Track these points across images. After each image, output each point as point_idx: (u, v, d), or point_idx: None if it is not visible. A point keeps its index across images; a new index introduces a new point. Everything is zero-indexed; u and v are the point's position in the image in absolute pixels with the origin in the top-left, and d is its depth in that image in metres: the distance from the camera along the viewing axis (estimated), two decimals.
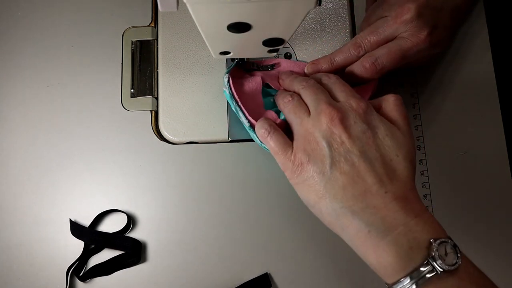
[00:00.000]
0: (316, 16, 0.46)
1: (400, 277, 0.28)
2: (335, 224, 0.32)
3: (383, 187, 0.30)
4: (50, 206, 0.43)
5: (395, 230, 0.29)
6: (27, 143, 0.45)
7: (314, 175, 0.32)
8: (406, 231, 0.29)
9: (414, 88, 0.45)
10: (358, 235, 0.30)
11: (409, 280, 0.28)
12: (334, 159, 0.31)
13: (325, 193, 0.31)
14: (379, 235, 0.29)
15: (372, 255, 0.30)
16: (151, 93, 0.46)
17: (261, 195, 0.43)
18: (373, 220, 0.30)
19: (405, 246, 0.29)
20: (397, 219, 0.29)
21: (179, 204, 0.43)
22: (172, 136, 0.44)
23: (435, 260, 0.28)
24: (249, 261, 0.41)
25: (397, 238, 0.29)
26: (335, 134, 0.32)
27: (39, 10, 0.48)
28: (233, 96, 0.39)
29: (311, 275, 0.41)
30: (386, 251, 0.29)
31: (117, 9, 0.47)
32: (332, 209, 0.31)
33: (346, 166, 0.31)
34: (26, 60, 0.47)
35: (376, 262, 0.30)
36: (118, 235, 0.42)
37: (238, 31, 0.30)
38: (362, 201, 0.30)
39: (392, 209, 0.30)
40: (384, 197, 0.30)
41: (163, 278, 0.41)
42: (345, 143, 0.31)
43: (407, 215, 0.29)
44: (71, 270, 0.41)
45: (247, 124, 0.39)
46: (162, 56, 0.46)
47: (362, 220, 0.30)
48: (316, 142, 0.32)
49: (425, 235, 0.29)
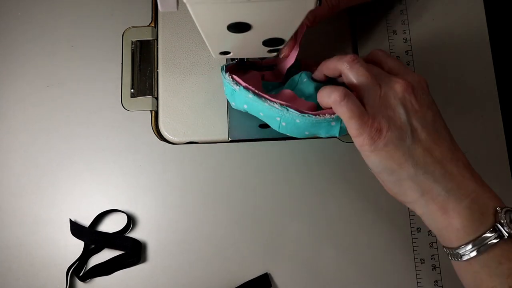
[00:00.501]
0: None
1: (469, 240, 0.30)
2: (413, 189, 0.32)
3: (455, 155, 0.32)
4: (50, 206, 0.43)
5: (469, 196, 0.31)
6: (27, 143, 0.45)
7: (395, 141, 0.31)
8: (478, 197, 0.31)
9: None
10: (436, 200, 0.31)
11: (478, 243, 0.30)
12: (413, 126, 0.32)
13: (407, 160, 0.31)
14: (456, 199, 0.31)
15: (446, 219, 0.31)
16: (151, 93, 0.46)
17: (261, 195, 0.43)
18: (452, 186, 0.31)
19: (477, 211, 0.30)
20: (470, 186, 0.31)
21: (179, 204, 0.43)
22: (172, 136, 0.44)
23: (503, 226, 0.30)
24: (249, 261, 0.41)
25: (471, 203, 0.31)
26: (410, 102, 0.32)
27: (39, 10, 0.48)
28: (247, 88, 0.37)
29: (311, 275, 0.41)
30: (461, 215, 0.30)
31: (117, 9, 0.47)
32: (415, 175, 0.31)
33: (423, 134, 0.32)
34: (26, 60, 0.47)
35: (448, 225, 0.31)
36: (118, 235, 0.42)
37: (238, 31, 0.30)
38: (441, 167, 0.31)
39: (465, 176, 0.31)
40: (457, 165, 0.32)
41: (163, 278, 0.41)
42: (418, 111, 0.32)
43: (476, 182, 0.31)
44: (71, 270, 0.41)
45: (278, 107, 0.35)
46: (162, 56, 0.46)
47: (442, 186, 0.31)
48: (393, 109, 0.32)
49: (492, 202, 0.31)
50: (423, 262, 0.41)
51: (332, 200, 0.42)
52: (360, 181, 0.43)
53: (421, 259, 0.41)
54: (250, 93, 0.36)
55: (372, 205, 0.42)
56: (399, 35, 0.46)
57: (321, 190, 0.42)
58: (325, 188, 0.43)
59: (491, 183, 0.42)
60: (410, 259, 0.41)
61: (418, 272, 0.41)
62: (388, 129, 0.31)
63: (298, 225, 0.42)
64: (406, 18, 0.46)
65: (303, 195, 0.42)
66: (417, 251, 0.41)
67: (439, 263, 0.41)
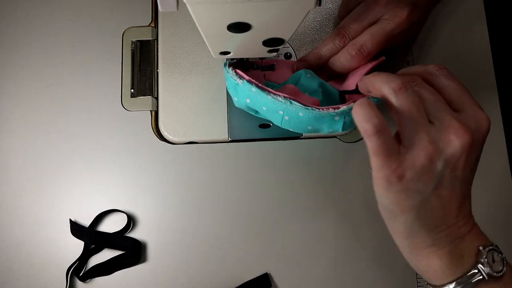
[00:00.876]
0: (316, 16, 0.46)
1: (448, 281, 0.29)
2: (402, 234, 0.31)
3: (461, 212, 0.30)
4: (50, 206, 0.43)
5: (454, 242, 0.30)
6: (27, 143, 0.45)
7: (411, 191, 0.28)
8: (462, 241, 0.30)
9: None
10: (420, 246, 0.30)
11: (455, 285, 0.29)
12: (440, 184, 0.28)
13: (411, 211, 0.29)
14: (439, 246, 0.30)
15: (424, 261, 0.30)
16: (151, 93, 0.46)
17: (261, 195, 0.43)
18: (441, 236, 0.30)
19: (458, 254, 0.29)
20: (459, 233, 0.30)
21: (179, 204, 0.43)
22: (172, 136, 0.44)
23: (484, 267, 0.28)
24: (249, 261, 0.41)
25: (454, 248, 0.30)
26: (457, 160, 0.27)
27: (39, 10, 0.48)
28: (250, 82, 0.36)
29: (311, 275, 0.41)
30: (441, 259, 0.30)
31: (117, 9, 0.47)
32: (411, 225, 0.30)
33: (446, 191, 0.29)
34: (26, 60, 0.47)
35: (426, 266, 0.30)
36: (118, 235, 0.42)
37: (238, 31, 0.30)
38: (441, 224, 0.30)
39: (458, 224, 0.30)
40: (457, 217, 0.30)
41: (163, 278, 0.41)
42: (458, 170, 0.28)
43: (467, 228, 0.30)
44: (71, 270, 0.41)
45: (281, 100, 0.35)
46: (162, 56, 0.46)
47: (430, 236, 0.30)
48: (431, 161, 0.27)
49: (476, 242, 0.30)
50: None
51: (332, 200, 0.42)
52: (360, 181, 0.43)
53: None
54: (254, 86, 0.36)
55: (372, 204, 0.42)
56: None
57: (321, 190, 0.42)
58: (325, 188, 0.43)
59: (491, 183, 0.42)
60: None
61: None
62: (412, 180, 0.27)
63: (298, 225, 0.42)
64: None
65: (303, 195, 0.42)
66: None
67: None
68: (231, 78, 0.37)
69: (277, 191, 0.43)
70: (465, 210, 0.30)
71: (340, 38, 0.38)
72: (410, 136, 0.28)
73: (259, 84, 0.36)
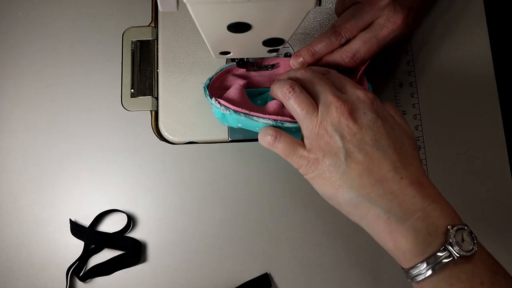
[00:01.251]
0: (316, 16, 0.46)
1: (418, 262, 0.29)
2: (353, 214, 0.32)
3: (399, 173, 0.31)
4: (50, 206, 0.43)
5: (413, 216, 0.29)
6: (27, 143, 0.45)
7: (330, 168, 0.32)
8: (424, 216, 0.29)
9: (414, 88, 0.45)
10: (377, 222, 0.31)
11: (426, 265, 0.29)
12: (348, 150, 0.31)
13: (342, 184, 0.31)
14: (398, 220, 0.30)
15: (391, 241, 0.30)
16: (151, 93, 0.46)
17: (261, 195, 0.43)
18: (391, 206, 0.30)
19: (423, 232, 0.29)
20: (415, 205, 0.30)
21: (179, 204, 0.43)
22: (172, 136, 0.44)
23: (452, 246, 0.28)
24: (249, 261, 0.41)
25: (416, 223, 0.29)
26: (347, 126, 0.32)
27: (39, 10, 0.48)
28: (237, 112, 0.37)
29: (311, 275, 0.41)
30: (405, 237, 0.29)
31: (117, 9, 0.47)
32: (349, 199, 0.31)
33: (360, 155, 0.31)
34: (26, 60, 0.47)
35: (394, 247, 0.30)
36: (118, 235, 0.42)
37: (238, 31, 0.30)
38: (379, 188, 0.30)
39: (409, 195, 0.30)
40: (400, 183, 0.30)
41: (163, 278, 0.41)
42: (357, 133, 0.32)
43: (424, 200, 0.30)
44: (71, 270, 0.41)
45: (272, 123, 0.37)
46: (162, 56, 0.46)
47: (380, 207, 0.30)
48: (329, 135, 0.32)
49: (443, 220, 0.29)
50: None
51: None
52: None
53: None
54: (242, 115, 0.37)
55: None
56: None
57: None
58: None
59: (491, 183, 0.42)
60: None
61: None
62: (323, 158, 0.32)
63: (298, 225, 0.42)
64: None
65: (303, 195, 0.42)
66: None
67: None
68: (217, 109, 0.38)
69: (277, 191, 0.43)
70: (411, 178, 0.30)
71: (336, 36, 0.39)
72: (306, 129, 0.34)
73: (247, 112, 0.37)
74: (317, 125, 0.33)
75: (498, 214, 0.42)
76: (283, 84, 0.35)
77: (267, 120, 0.36)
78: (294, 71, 0.37)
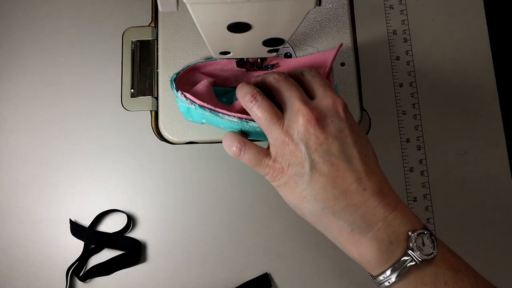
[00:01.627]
0: (316, 16, 0.46)
1: (383, 270, 0.30)
2: (317, 224, 0.32)
3: (362, 184, 0.31)
4: (50, 206, 0.43)
5: (375, 226, 0.30)
6: (27, 144, 0.45)
7: (294, 178, 0.32)
8: (386, 226, 0.30)
9: (414, 88, 0.45)
10: (340, 234, 0.31)
11: (391, 272, 0.29)
12: (314, 161, 0.31)
13: (306, 195, 0.31)
14: (361, 232, 0.30)
15: (355, 251, 0.31)
16: (151, 93, 0.46)
17: (261, 195, 0.43)
18: (354, 218, 0.30)
19: (385, 241, 0.30)
20: (377, 215, 0.30)
21: (179, 204, 0.43)
22: (172, 136, 0.44)
23: (414, 251, 0.29)
24: (249, 261, 0.41)
25: (378, 233, 0.30)
26: (313, 135, 0.31)
27: (39, 10, 0.48)
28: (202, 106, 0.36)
29: (311, 275, 0.41)
30: (369, 247, 0.30)
31: (117, 9, 0.47)
32: (314, 210, 0.31)
33: (325, 167, 0.31)
34: (26, 60, 0.47)
35: (359, 257, 0.31)
36: (118, 235, 0.42)
37: (238, 31, 0.30)
38: (342, 201, 0.30)
39: (371, 206, 0.30)
40: (363, 195, 0.30)
41: (163, 278, 0.41)
42: (323, 143, 0.31)
43: (386, 209, 0.30)
44: (71, 270, 0.41)
45: (237, 121, 0.36)
46: (162, 56, 0.46)
47: (343, 220, 0.30)
48: (295, 144, 0.31)
49: (403, 227, 0.30)
50: None
51: None
52: None
53: None
54: (207, 111, 0.36)
55: None
56: (399, 35, 0.46)
57: None
58: None
59: (491, 183, 0.42)
60: None
61: None
62: (288, 167, 0.32)
63: (298, 224, 0.42)
64: (406, 18, 0.46)
65: None
66: None
67: None
68: (182, 102, 0.37)
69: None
70: (373, 188, 0.31)
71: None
72: (271, 137, 0.33)
73: (212, 107, 0.36)
74: (283, 132, 0.32)
75: (498, 214, 0.42)
76: (245, 92, 0.34)
77: (232, 118, 0.36)
78: (268, 75, 0.36)
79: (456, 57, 0.45)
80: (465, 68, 0.45)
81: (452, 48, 0.45)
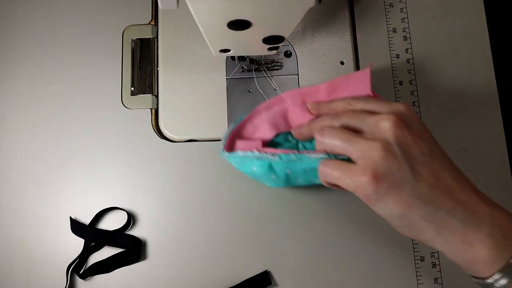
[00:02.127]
0: (316, 15, 0.46)
1: (499, 267, 0.28)
2: (428, 229, 0.30)
3: (460, 182, 0.30)
4: (50, 204, 0.43)
5: (486, 222, 0.29)
6: (27, 142, 0.45)
7: (396, 184, 0.29)
8: (494, 221, 0.29)
9: (414, 86, 0.45)
10: (454, 235, 0.30)
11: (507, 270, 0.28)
12: (411, 162, 0.30)
13: (415, 200, 0.29)
14: (475, 229, 0.29)
15: (470, 251, 0.29)
16: (151, 91, 0.46)
17: (261, 193, 0.43)
18: (466, 215, 0.29)
19: (500, 236, 0.29)
20: (483, 211, 0.29)
21: (179, 202, 0.43)
22: (172, 134, 0.44)
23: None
24: (249, 259, 0.41)
25: (491, 229, 0.29)
26: (404, 137, 0.30)
27: (39, 9, 0.48)
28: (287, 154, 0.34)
29: (311, 273, 0.41)
30: (485, 244, 0.29)
31: (117, 7, 0.48)
32: (426, 214, 0.29)
33: (424, 168, 0.30)
34: (26, 59, 0.47)
35: (474, 257, 0.29)
36: (118, 233, 0.42)
37: (238, 29, 0.30)
38: (451, 199, 0.29)
39: (476, 202, 0.30)
40: (465, 191, 0.30)
41: (163, 275, 0.41)
42: (415, 144, 0.30)
43: (487, 205, 0.30)
44: (71, 267, 0.41)
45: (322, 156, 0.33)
46: (162, 54, 0.46)
47: (457, 219, 0.29)
48: (386, 149, 0.29)
49: (510, 223, 0.29)
50: (423, 260, 0.41)
51: (332, 199, 0.42)
52: None
53: (421, 257, 0.41)
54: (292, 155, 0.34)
55: None
56: (399, 33, 0.46)
57: (320, 189, 0.42)
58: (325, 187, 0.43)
59: (491, 183, 0.42)
60: (410, 256, 0.41)
61: (418, 269, 0.41)
62: (385, 174, 0.29)
63: (298, 223, 0.42)
64: (406, 16, 0.46)
65: (303, 194, 0.42)
66: (417, 248, 0.41)
67: (439, 261, 0.41)
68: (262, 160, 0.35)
69: (277, 188, 0.43)
70: (469, 184, 0.31)
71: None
72: (355, 152, 0.31)
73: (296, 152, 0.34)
74: (367, 143, 0.30)
75: None
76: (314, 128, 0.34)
77: (318, 155, 0.33)
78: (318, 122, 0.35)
79: (456, 55, 0.45)
80: (465, 66, 0.45)
81: (452, 46, 0.45)
